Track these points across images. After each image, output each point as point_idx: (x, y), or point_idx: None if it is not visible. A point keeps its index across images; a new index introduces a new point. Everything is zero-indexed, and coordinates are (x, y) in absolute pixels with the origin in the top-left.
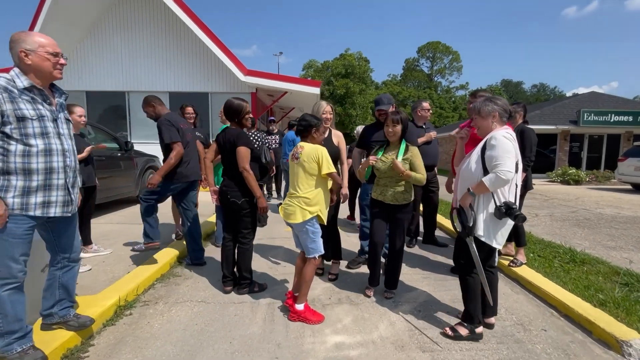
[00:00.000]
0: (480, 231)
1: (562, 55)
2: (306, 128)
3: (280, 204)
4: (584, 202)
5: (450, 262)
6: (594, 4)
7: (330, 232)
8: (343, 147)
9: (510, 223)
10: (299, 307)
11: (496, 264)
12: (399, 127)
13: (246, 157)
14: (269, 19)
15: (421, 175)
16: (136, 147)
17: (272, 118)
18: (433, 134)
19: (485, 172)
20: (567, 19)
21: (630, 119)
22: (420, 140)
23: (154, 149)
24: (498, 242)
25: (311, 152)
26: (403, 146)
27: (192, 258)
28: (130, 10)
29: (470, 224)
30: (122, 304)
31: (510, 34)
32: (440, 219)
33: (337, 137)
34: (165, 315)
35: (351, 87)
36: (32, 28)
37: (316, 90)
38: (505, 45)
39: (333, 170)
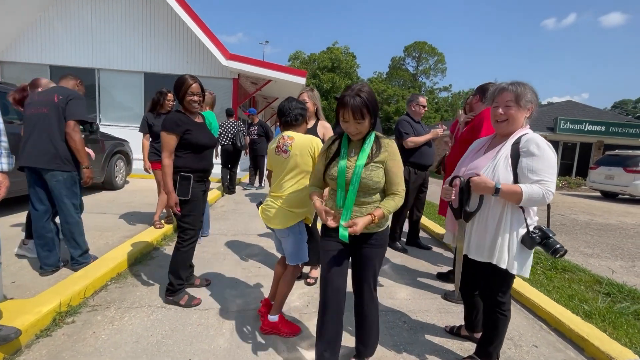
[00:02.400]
0: (503, 261)
1: (539, 64)
2: (296, 118)
3: (261, 202)
4: (559, 208)
5: (435, 266)
6: (571, 17)
7: (308, 234)
8: None
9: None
10: (273, 318)
11: (510, 300)
12: (366, 123)
13: (165, 145)
14: (257, 5)
15: (398, 198)
16: (108, 130)
17: (252, 109)
18: (440, 130)
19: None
20: (547, 29)
21: (603, 129)
22: (424, 138)
23: (127, 133)
24: (525, 271)
25: (305, 143)
26: (369, 142)
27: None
28: None
29: (471, 211)
30: (63, 310)
31: (493, 39)
32: (425, 220)
33: (324, 128)
34: (116, 324)
35: (337, 81)
36: None
37: (302, 80)
38: (487, 50)
39: None
